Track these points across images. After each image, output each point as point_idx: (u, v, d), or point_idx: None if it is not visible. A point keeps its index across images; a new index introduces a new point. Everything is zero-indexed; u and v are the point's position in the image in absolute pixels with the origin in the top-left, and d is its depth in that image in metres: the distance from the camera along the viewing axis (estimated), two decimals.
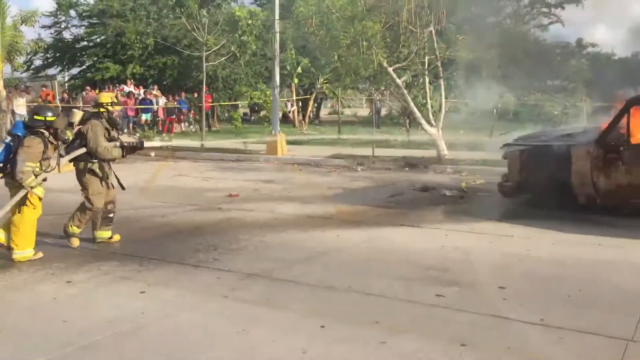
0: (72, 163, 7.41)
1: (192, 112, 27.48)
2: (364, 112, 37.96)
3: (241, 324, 4.87)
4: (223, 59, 23.00)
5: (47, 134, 6.84)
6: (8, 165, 6.69)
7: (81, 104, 24.72)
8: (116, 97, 7.86)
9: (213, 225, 8.67)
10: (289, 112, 30.13)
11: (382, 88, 18.61)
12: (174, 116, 26.24)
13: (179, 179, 13.69)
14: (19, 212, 6.75)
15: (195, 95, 28.16)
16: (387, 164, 15.02)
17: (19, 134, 6.74)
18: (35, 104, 19.11)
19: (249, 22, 20.86)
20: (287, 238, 7.89)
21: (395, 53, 13.86)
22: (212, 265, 6.64)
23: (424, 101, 15.62)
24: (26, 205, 6.75)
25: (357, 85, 17.24)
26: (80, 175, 7.44)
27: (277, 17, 17.40)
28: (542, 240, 7.56)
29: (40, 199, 6.84)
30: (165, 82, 29.80)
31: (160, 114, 25.77)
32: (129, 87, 26.13)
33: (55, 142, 6.98)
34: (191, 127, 27.40)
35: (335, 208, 9.88)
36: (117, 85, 27.17)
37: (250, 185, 12.47)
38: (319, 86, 27.66)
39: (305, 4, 14.26)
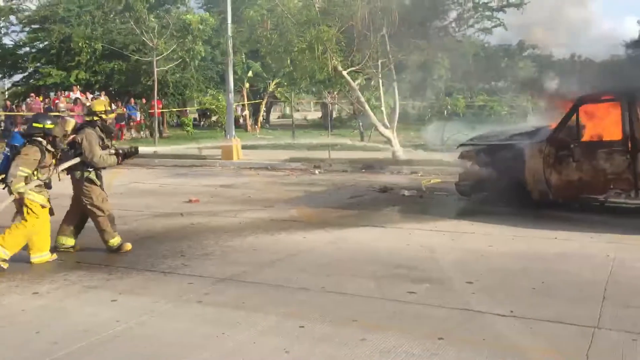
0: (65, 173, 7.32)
1: (142, 118, 27.02)
2: (313, 115, 38.14)
3: (220, 328, 4.89)
4: (173, 64, 22.72)
5: (44, 142, 6.86)
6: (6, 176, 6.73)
7: (25, 112, 24.02)
8: (111, 105, 7.71)
9: (177, 231, 8.60)
10: (241, 116, 30.02)
11: (335, 92, 18.79)
12: (123, 123, 25.72)
13: (136, 186, 13.48)
14: (25, 222, 6.79)
15: (144, 101, 27.72)
16: (344, 166, 15.20)
17: (16, 144, 6.81)
18: None
19: (200, 26, 20.69)
20: (254, 242, 7.90)
21: (350, 57, 14.05)
22: (182, 271, 6.61)
23: (378, 103, 15.87)
24: (29, 214, 6.78)
25: (312, 89, 17.36)
26: (78, 184, 7.34)
27: (229, 20, 17.34)
28: (502, 236, 7.83)
29: (42, 206, 6.86)
30: (112, 88, 29.22)
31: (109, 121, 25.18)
32: (76, 94, 25.48)
33: (53, 150, 6.97)
34: (141, 133, 26.94)
35: (298, 211, 9.95)
36: (63, 92, 26.48)
37: (209, 190, 12.40)
38: (270, 90, 27.67)
39: (260, 8, 14.27)
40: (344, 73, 14.05)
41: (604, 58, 13.01)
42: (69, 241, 7.50)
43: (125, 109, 26.49)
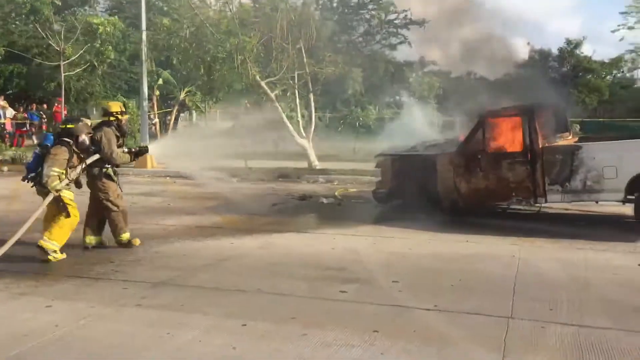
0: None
1: (44, 124, 25.88)
2: (221, 125, 37.89)
3: (164, 329, 5.01)
4: (80, 69, 21.99)
5: (72, 143, 7.31)
6: (38, 174, 7.20)
7: None
8: (124, 105, 8.57)
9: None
10: (152, 125, 29.41)
11: (246, 102, 18.99)
12: (24, 129, 24.55)
13: None
14: (66, 216, 7.24)
15: (46, 106, 26.58)
16: (261, 175, 15.44)
17: (48, 144, 7.30)
18: None
19: (107, 30, 20.19)
20: (182, 248, 8.00)
21: (268, 67, 14.35)
22: (114, 276, 6.62)
23: (293, 114, 16.26)
24: (70, 206, 7.27)
25: (231, 98, 17.50)
26: (94, 180, 7.75)
27: (144, 27, 17.14)
28: (419, 240, 8.39)
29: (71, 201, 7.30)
30: (10, 92, 27.77)
31: (8, 127, 24.00)
32: None
33: (78, 151, 7.39)
34: None
35: (221, 218, 10.10)
36: None
37: (126, 198, 12.17)
38: (181, 99, 27.35)
39: (179, 17, 14.27)
40: (262, 83, 14.32)
41: (497, 76, 14.11)
42: (96, 239, 7.89)
43: (26, 115, 25.29)
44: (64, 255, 7.31)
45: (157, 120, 28.29)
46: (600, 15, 72.67)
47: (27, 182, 7.39)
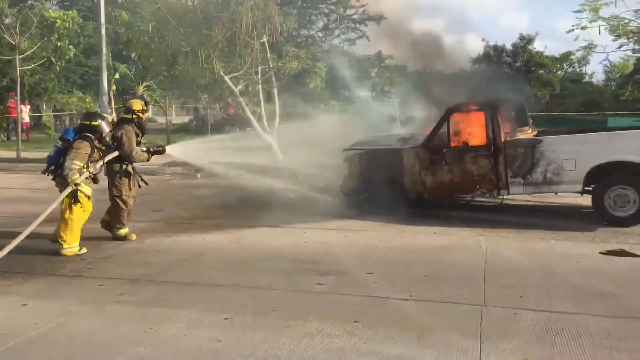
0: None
1: None
2: (177, 120, 37.51)
3: (146, 324, 5.04)
4: (36, 64, 21.39)
5: (93, 138, 7.50)
6: (58, 169, 7.41)
7: None
8: (145, 103, 8.65)
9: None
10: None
11: (212, 96, 18.84)
12: None
13: (3, 192, 12.75)
14: (70, 211, 7.35)
15: None
16: (226, 170, 15.35)
17: (70, 138, 7.48)
18: None
19: (65, 25, 19.73)
20: (154, 244, 7.99)
21: (232, 62, 14.30)
22: (88, 274, 6.59)
23: (258, 110, 16.23)
24: (76, 204, 7.36)
25: (195, 93, 17.31)
26: (113, 176, 8.04)
27: (102, 20, 16.82)
28: (389, 232, 8.58)
29: (88, 198, 7.49)
30: None
31: None
32: None
33: (99, 146, 7.60)
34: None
35: (190, 213, 10.07)
36: None
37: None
38: (139, 94, 26.94)
39: (141, 10, 14.07)
40: (226, 78, 14.27)
41: (452, 71, 14.40)
42: (125, 230, 8.15)
43: None
44: (85, 250, 7.51)
45: (114, 115, 27.82)
46: (551, 12, 74.80)
47: (48, 174, 7.62)
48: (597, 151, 8.85)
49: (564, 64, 40.56)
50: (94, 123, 7.60)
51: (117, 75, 26.82)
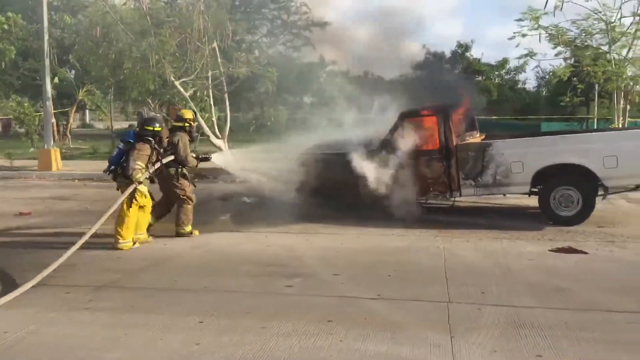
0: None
1: None
2: (116, 125, 36.74)
3: (120, 330, 5.02)
4: None
5: (153, 141, 8.12)
6: (119, 168, 7.98)
7: None
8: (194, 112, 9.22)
9: (25, 244, 8.22)
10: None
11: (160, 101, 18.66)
12: None
13: None
14: (128, 208, 7.92)
15: None
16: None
17: (131, 140, 8.06)
18: None
19: (5, 27, 19.07)
20: (114, 251, 7.88)
21: (182, 67, 14.22)
22: (52, 282, 6.45)
23: (207, 115, 16.18)
24: (133, 202, 7.94)
25: (146, 98, 17.04)
26: (170, 179, 8.69)
27: (46, 24, 16.35)
28: (349, 235, 8.77)
29: (145, 196, 8.07)
30: None
31: None
32: None
33: (158, 149, 8.23)
34: None
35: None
36: None
37: (38, 203, 11.76)
38: (79, 97, 26.29)
39: (90, 14, 13.79)
40: (177, 83, 14.18)
41: (393, 77, 14.73)
42: (190, 227, 8.75)
43: None
44: (137, 244, 8.06)
45: (54, 120, 27.01)
46: (486, 20, 77.30)
47: (108, 174, 8.19)
48: (542, 154, 9.32)
49: (501, 70, 41.96)
50: (156, 129, 8.19)
51: (56, 80, 26.03)
